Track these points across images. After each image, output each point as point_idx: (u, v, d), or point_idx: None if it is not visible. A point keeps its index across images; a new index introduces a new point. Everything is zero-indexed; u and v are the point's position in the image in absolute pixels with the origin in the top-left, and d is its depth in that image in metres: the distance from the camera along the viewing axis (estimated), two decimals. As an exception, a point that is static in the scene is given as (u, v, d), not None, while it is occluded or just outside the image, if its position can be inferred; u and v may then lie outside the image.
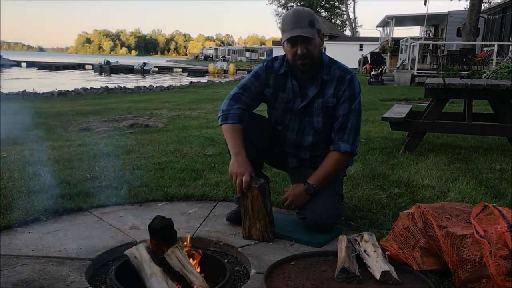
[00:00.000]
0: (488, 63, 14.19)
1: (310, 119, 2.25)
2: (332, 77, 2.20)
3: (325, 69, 2.20)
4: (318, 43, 2.13)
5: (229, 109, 2.18)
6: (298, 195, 2.20)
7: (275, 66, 2.27)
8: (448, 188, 2.93)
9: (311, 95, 2.21)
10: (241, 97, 2.22)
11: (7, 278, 1.75)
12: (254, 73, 2.30)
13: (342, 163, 2.27)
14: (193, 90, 14.38)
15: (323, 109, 2.21)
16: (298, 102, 2.23)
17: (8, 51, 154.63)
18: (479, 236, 1.66)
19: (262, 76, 2.27)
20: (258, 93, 2.26)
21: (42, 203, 2.55)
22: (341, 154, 2.19)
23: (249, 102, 2.23)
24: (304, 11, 2.11)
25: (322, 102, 2.21)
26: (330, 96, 2.20)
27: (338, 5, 52.27)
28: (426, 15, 19.91)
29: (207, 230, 2.25)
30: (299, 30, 2.05)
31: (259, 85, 2.26)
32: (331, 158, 2.20)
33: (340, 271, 1.71)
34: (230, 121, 2.16)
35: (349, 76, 2.20)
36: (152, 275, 1.59)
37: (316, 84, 2.20)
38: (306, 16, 2.08)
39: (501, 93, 3.86)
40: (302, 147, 2.31)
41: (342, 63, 2.27)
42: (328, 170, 2.19)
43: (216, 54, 71.27)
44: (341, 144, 2.19)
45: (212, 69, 31.97)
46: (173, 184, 2.96)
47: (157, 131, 5.30)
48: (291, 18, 2.08)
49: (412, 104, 6.76)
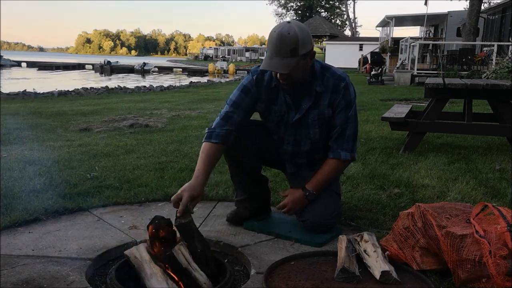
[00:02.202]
0: (488, 63, 14.18)
1: (306, 131, 2.19)
2: (326, 87, 2.11)
3: (318, 80, 2.11)
4: (303, 66, 1.99)
5: (216, 129, 2.09)
6: (297, 202, 2.17)
7: (265, 78, 2.14)
8: (448, 188, 2.93)
9: (305, 107, 2.13)
10: (232, 117, 2.11)
11: (7, 278, 1.75)
12: (243, 87, 2.16)
13: (341, 170, 2.28)
14: (193, 90, 14.38)
15: (319, 120, 2.15)
16: (292, 114, 2.16)
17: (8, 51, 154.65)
18: (479, 236, 1.66)
19: (252, 91, 2.15)
20: (249, 109, 2.17)
21: (42, 203, 2.55)
22: (341, 162, 2.18)
23: (240, 121, 2.13)
24: (288, 36, 1.88)
25: (318, 113, 2.14)
26: (325, 108, 2.13)
27: (338, 5, 52.27)
28: (426, 15, 19.91)
29: (207, 230, 2.25)
30: (277, 62, 1.92)
31: (250, 101, 2.15)
32: (331, 166, 2.17)
33: (340, 271, 1.71)
34: (212, 140, 2.06)
35: (343, 84, 2.11)
36: (152, 275, 1.59)
37: (309, 96, 2.12)
38: (289, 43, 1.89)
39: (501, 93, 3.86)
40: (299, 155, 2.28)
41: (335, 69, 2.16)
42: (327, 177, 2.17)
43: (216, 54, 71.23)
44: (341, 153, 2.15)
45: (212, 69, 31.99)
46: (173, 184, 2.96)
47: (157, 131, 5.30)
48: (274, 43, 1.92)
49: (412, 104, 6.76)
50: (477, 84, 3.95)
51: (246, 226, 2.28)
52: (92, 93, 12.58)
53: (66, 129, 5.38)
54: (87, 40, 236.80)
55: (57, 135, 4.97)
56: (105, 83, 17.51)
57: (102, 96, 11.79)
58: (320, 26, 37.08)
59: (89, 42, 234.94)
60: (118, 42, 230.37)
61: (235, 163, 2.29)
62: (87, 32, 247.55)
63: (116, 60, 41.16)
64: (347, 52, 29.50)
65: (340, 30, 46.87)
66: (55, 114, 6.93)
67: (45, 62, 41.39)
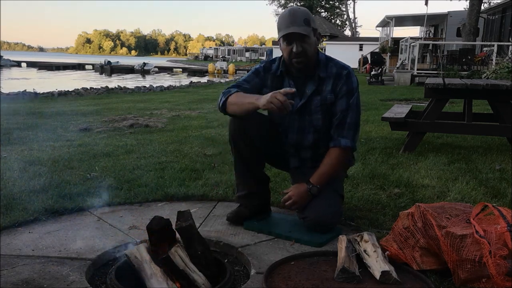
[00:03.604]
0: (488, 63, 14.18)
1: (309, 117, 2.25)
2: (329, 74, 2.21)
3: (321, 67, 2.21)
4: (314, 42, 2.15)
5: (229, 90, 2.19)
6: (301, 195, 2.18)
7: (273, 68, 2.29)
8: (448, 188, 2.93)
9: (308, 93, 2.21)
10: (241, 85, 2.24)
11: (7, 278, 1.75)
12: (254, 69, 2.32)
13: (343, 159, 2.25)
14: (193, 90, 14.38)
15: (322, 106, 2.22)
16: (296, 101, 2.23)
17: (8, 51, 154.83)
18: (479, 236, 1.66)
19: (261, 74, 2.29)
20: (257, 88, 2.27)
21: (42, 203, 2.55)
22: (341, 149, 2.19)
23: (249, 90, 2.22)
24: (300, 10, 2.12)
25: (321, 99, 2.21)
26: (328, 93, 2.20)
27: (338, 5, 52.29)
28: (426, 15, 19.92)
29: (207, 230, 2.25)
30: (295, 28, 2.07)
31: (259, 82, 2.28)
32: (332, 155, 2.19)
33: (340, 271, 1.71)
34: (232, 92, 2.16)
35: (345, 72, 2.21)
36: (152, 275, 1.59)
37: (313, 82, 2.21)
38: (302, 15, 2.09)
39: (501, 93, 3.86)
40: (303, 146, 2.31)
41: (338, 60, 2.28)
42: (330, 167, 2.19)
43: (216, 54, 71.30)
44: (341, 140, 2.18)
45: (212, 69, 32.00)
46: (173, 184, 2.96)
47: (157, 131, 5.30)
48: (287, 17, 2.10)
49: (412, 104, 6.76)
50: (477, 84, 3.95)
51: (247, 226, 2.28)
52: (92, 93, 12.57)
53: (66, 129, 5.38)
54: (87, 40, 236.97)
55: (57, 135, 4.96)
56: (105, 83, 17.51)
57: (102, 96, 11.79)
58: (320, 26, 37.05)
59: (89, 42, 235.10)
60: (118, 42, 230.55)
61: (241, 156, 2.29)
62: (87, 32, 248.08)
63: (117, 60, 41.19)
64: (347, 52, 29.46)
65: (340, 30, 46.91)
66: (55, 114, 6.93)
67: (45, 62, 41.41)
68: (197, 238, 1.76)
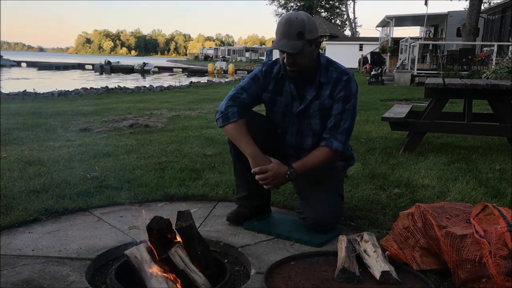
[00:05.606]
0: (488, 63, 14.19)
1: (308, 121, 2.24)
2: (329, 79, 2.18)
3: (322, 71, 2.18)
4: (309, 52, 2.09)
5: (227, 109, 2.15)
6: (278, 175, 2.10)
7: (274, 70, 2.24)
8: (448, 188, 2.93)
9: (309, 98, 2.19)
10: (239, 97, 2.20)
11: (7, 278, 1.75)
12: (253, 75, 2.27)
13: (330, 160, 2.22)
14: (193, 90, 14.38)
15: (320, 111, 2.20)
16: (296, 105, 2.22)
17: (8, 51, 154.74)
18: (479, 236, 1.66)
19: (260, 80, 2.24)
20: (256, 96, 2.25)
21: (42, 203, 2.55)
22: (331, 151, 2.16)
23: (247, 102, 2.22)
24: (295, 21, 2.03)
25: (319, 104, 2.19)
26: (326, 98, 2.18)
27: (338, 5, 52.28)
28: (426, 15, 19.92)
29: (207, 230, 2.25)
30: (285, 42, 2.02)
31: (257, 89, 2.24)
32: (321, 152, 2.17)
33: (340, 271, 1.71)
34: (232, 120, 2.13)
35: (346, 77, 2.17)
36: (152, 275, 1.59)
37: (313, 87, 2.19)
38: (296, 28, 2.02)
39: (501, 93, 3.86)
40: (302, 149, 2.30)
41: (340, 64, 2.25)
42: (316, 161, 2.16)
43: (216, 54, 71.31)
44: (334, 142, 2.16)
45: (211, 69, 31.99)
46: (173, 184, 2.96)
47: (157, 131, 5.30)
48: (281, 27, 2.05)
49: (412, 104, 6.76)
50: (477, 84, 3.95)
51: (247, 226, 2.28)
52: (92, 93, 12.57)
53: (66, 129, 5.38)
54: (87, 40, 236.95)
55: (57, 135, 4.96)
56: (105, 83, 17.50)
57: (102, 96, 11.79)
58: (320, 26, 37.02)
59: (89, 42, 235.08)
60: (118, 42, 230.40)
61: (241, 158, 2.28)
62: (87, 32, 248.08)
63: (117, 60, 41.16)
64: (347, 52, 29.48)
65: (340, 30, 46.90)
66: (55, 114, 6.93)
67: (45, 62, 41.42)
68: (197, 238, 1.76)
